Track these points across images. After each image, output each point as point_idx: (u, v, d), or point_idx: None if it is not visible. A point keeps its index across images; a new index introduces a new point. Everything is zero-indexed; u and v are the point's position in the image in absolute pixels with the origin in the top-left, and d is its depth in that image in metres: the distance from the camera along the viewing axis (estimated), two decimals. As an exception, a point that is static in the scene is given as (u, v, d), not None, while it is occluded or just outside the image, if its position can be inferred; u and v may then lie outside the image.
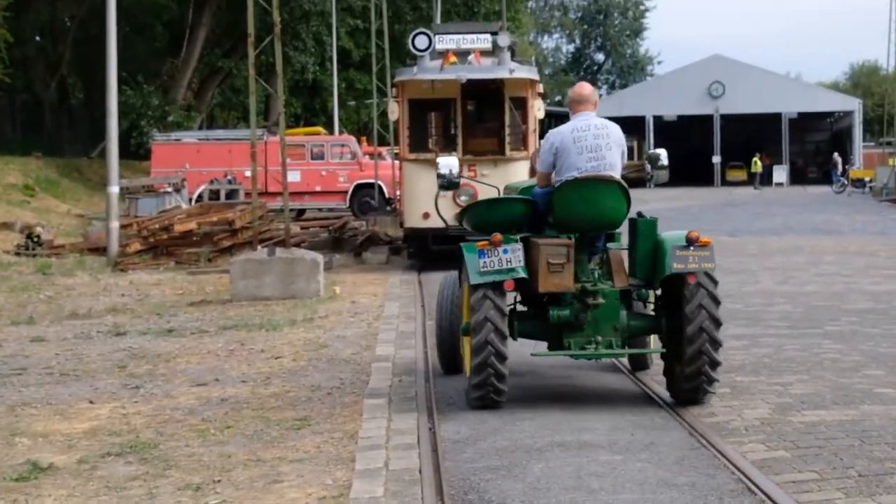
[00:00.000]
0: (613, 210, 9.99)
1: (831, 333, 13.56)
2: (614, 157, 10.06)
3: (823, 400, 9.88)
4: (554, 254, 9.75)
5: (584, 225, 10.07)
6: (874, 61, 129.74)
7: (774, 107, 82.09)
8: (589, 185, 9.93)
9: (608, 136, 10.07)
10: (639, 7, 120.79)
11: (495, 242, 9.66)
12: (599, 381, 11.02)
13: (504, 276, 9.66)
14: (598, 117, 10.23)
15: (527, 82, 23.40)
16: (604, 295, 9.86)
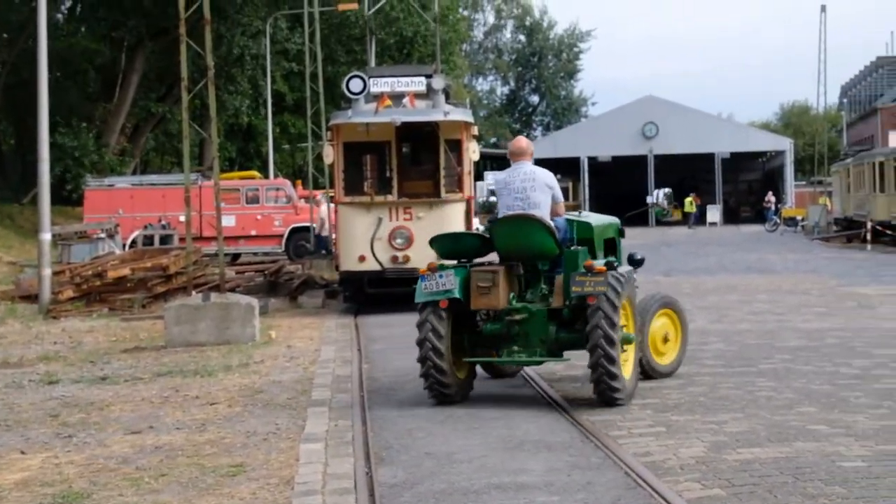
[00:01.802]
0: (538, 242, 11.96)
1: (765, 371, 13.69)
2: (539, 198, 12.06)
3: (758, 437, 9.96)
4: (482, 278, 11.88)
5: (517, 255, 12.14)
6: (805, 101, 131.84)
7: (707, 147, 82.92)
8: (514, 222, 12.03)
9: (534, 180, 12.17)
10: (573, 49, 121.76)
11: (431, 269, 11.92)
12: (536, 421, 11.04)
13: (440, 296, 11.86)
14: (530, 165, 12.34)
15: (461, 125, 23.51)
16: (531, 313, 11.85)
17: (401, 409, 11.98)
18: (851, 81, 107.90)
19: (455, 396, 12.02)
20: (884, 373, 13.41)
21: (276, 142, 56.30)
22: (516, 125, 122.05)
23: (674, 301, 13.80)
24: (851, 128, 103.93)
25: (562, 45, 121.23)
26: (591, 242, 12.73)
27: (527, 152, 12.56)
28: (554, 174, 12.31)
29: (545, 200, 12.12)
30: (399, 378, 14.14)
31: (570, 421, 11.02)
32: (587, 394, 12.01)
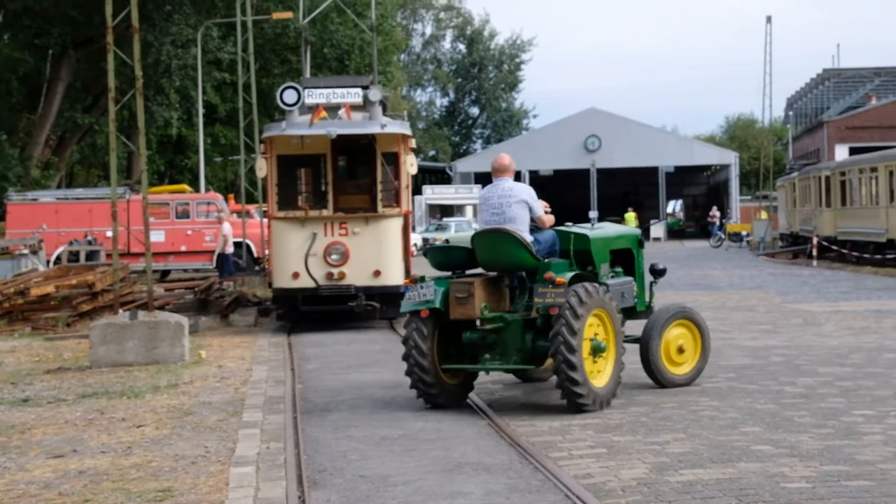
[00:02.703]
0: (513, 255, 12.85)
1: (709, 390, 13.78)
2: (515, 213, 13.01)
3: (701, 458, 10.03)
4: (459, 289, 12.79)
5: (495, 266, 13.20)
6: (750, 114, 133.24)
7: (651, 160, 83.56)
8: (490, 236, 13.02)
9: (510, 196, 13.13)
10: (514, 60, 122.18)
11: (413, 281, 13.05)
12: (475, 442, 11.06)
13: (421, 306, 12.86)
14: (510, 181, 13.37)
15: (399, 137, 23.51)
16: (507, 322, 12.76)
17: (335, 430, 11.96)
18: (797, 94, 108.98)
19: (439, 398, 12.98)
20: (829, 391, 13.55)
21: (207, 154, 56.03)
22: (456, 138, 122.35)
23: (692, 313, 14.47)
24: (797, 141, 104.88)
25: (503, 56, 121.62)
26: (588, 254, 13.48)
27: (508, 169, 13.56)
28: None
29: (522, 215, 13.06)
30: (333, 398, 14.11)
31: (509, 442, 11.03)
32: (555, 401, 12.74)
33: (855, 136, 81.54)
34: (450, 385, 13.15)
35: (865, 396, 13.17)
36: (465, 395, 13.38)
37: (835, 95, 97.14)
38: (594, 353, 12.55)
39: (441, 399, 13.02)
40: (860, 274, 39.75)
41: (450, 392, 13.13)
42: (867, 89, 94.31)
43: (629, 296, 13.99)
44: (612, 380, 12.77)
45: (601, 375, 12.66)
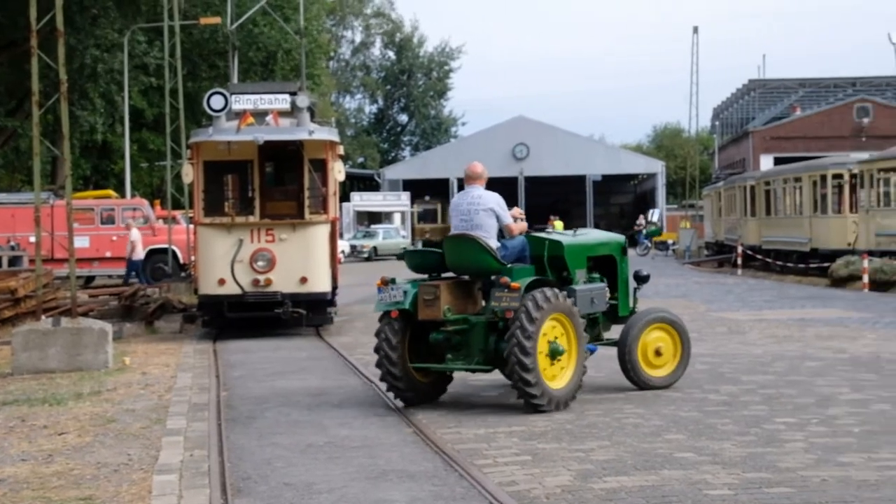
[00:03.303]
0: (477, 260, 13.41)
1: (633, 398, 13.87)
2: (482, 220, 13.57)
3: (624, 466, 10.09)
4: (426, 292, 13.35)
5: (462, 270, 13.73)
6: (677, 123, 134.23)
7: (579, 169, 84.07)
8: (457, 241, 13.58)
9: (479, 203, 13.69)
10: (443, 68, 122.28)
11: (384, 283, 13.60)
12: (399, 449, 11.06)
13: (391, 307, 13.49)
14: (480, 189, 13.89)
15: (326, 144, 23.46)
16: (471, 324, 13.23)
17: (260, 438, 11.91)
18: (723, 104, 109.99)
19: (407, 393, 13.57)
20: (752, 399, 13.68)
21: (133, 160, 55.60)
22: (384, 145, 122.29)
23: (671, 317, 14.89)
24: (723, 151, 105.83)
25: (432, 64, 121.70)
26: (562, 260, 14.00)
27: (480, 177, 14.11)
28: (421, 195, 13.71)
29: (488, 222, 13.61)
30: (259, 406, 14.05)
31: (434, 449, 11.04)
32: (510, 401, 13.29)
33: (780, 146, 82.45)
34: (420, 383, 13.73)
35: (787, 404, 13.32)
36: (436, 394, 13.97)
37: (760, 106, 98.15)
38: (552, 357, 13.05)
39: (409, 394, 13.60)
40: (784, 283, 40.22)
41: (419, 389, 13.71)
42: (792, 100, 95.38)
43: (600, 301, 14.30)
44: (571, 382, 13.24)
45: (560, 378, 13.16)
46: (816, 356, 17.92)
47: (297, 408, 13.84)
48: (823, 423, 12.02)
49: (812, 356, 17.92)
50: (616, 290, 14.95)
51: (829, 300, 30.71)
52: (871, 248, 37.20)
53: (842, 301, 30.11)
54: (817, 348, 19.05)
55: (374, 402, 14.22)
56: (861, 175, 40.11)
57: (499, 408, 13.40)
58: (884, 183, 38.51)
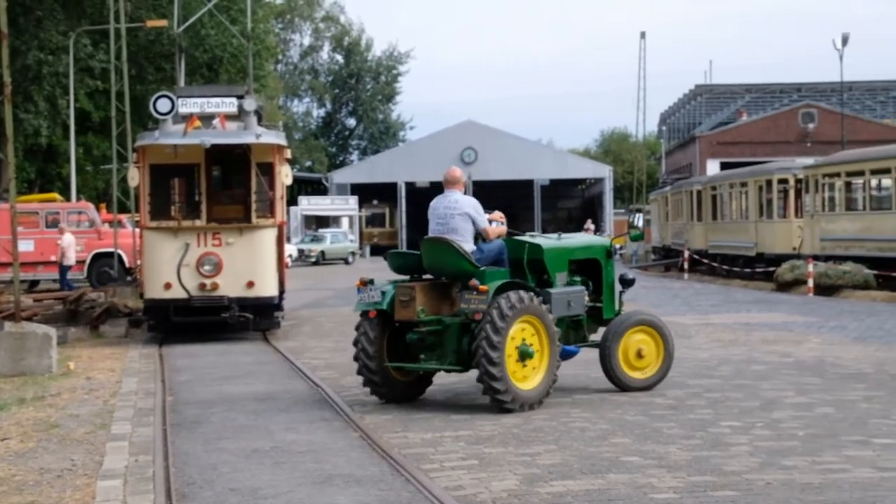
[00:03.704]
0: (451, 262, 13.67)
1: (580, 402, 13.91)
2: (457, 224, 13.86)
3: (571, 470, 10.12)
4: (402, 293, 13.70)
5: (438, 272, 14.00)
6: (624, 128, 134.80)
7: (527, 173, 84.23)
8: (432, 244, 13.84)
9: (455, 207, 13.96)
10: (391, 72, 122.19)
11: (363, 283, 14.03)
12: (346, 454, 11.03)
13: (369, 307, 13.88)
14: (458, 194, 14.14)
15: (274, 148, 23.40)
16: (445, 325, 13.53)
17: (206, 443, 11.85)
18: (670, 109, 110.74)
19: (383, 389, 14.02)
20: (697, 403, 13.76)
21: (79, 163, 55.20)
22: (332, 148, 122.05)
23: (654, 320, 15.16)
24: (670, 156, 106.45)
25: (380, 68, 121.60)
26: (542, 263, 14.36)
27: (458, 182, 14.36)
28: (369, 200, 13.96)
29: (464, 226, 13.91)
30: (205, 410, 13.99)
31: (381, 454, 11.02)
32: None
33: (726, 151, 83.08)
34: (398, 381, 14.12)
35: (733, 408, 13.40)
36: (415, 393, 14.36)
37: (707, 111, 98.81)
38: (522, 358, 13.35)
39: (385, 391, 14.03)
40: (730, 287, 40.48)
41: (397, 388, 14.10)
42: (738, 105, 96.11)
43: (577, 304, 14.56)
44: (542, 383, 13.52)
45: (530, 379, 13.46)
46: (762, 360, 18.05)
47: (244, 412, 13.79)
48: (768, 427, 12.10)
49: (757, 360, 18.05)
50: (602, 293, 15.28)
51: (774, 304, 30.93)
52: (816, 253, 37.51)
53: (787, 305, 30.34)
54: (763, 352, 19.18)
55: (320, 406, 14.19)
56: (806, 180, 40.43)
57: (446, 412, 13.40)
58: (828, 188, 38.84)
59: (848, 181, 37.96)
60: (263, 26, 61.37)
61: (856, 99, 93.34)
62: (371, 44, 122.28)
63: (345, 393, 15.00)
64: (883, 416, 12.66)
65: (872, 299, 31.46)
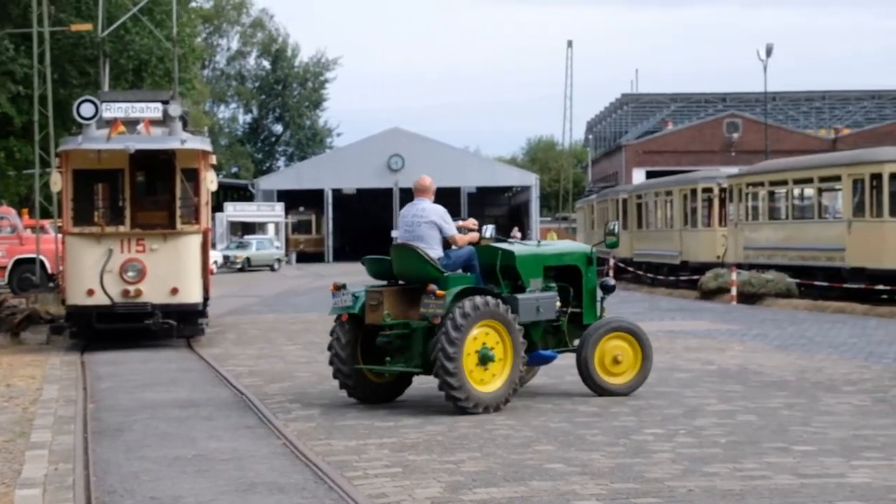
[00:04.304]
0: (417, 268, 14.07)
1: (504, 410, 13.91)
2: (424, 232, 14.37)
3: (494, 477, 10.13)
4: (372, 297, 14.14)
5: (406, 278, 14.35)
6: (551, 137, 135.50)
7: (453, 181, 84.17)
8: (399, 250, 14.30)
9: (422, 215, 14.50)
10: (318, 78, 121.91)
11: (336, 288, 14.37)
12: (269, 462, 10.98)
13: (341, 311, 14.30)
14: (426, 202, 14.70)
15: (199, 153, 23.27)
16: (413, 329, 13.92)
17: (127, 451, 11.74)
18: (597, 118, 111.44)
19: (356, 389, 14.42)
20: (621, 410, 13.83)
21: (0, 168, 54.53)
22: (259, 155, 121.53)
23: (631, 326, 15.37)
24: (596, 164, 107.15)
25: (307, 74, 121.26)
26: (514, 269, 14.64)
27: (428, 190, 14.92)
28: (296, 206, 14.13)
29: (430, 233, 14.40)
30: (127, 418, 13.86)
31: (304, 462, 10.97)
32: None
33: (652, 160, 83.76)
34: (373, 382, 14.56)
35: (656, 415, 13.49)
36: (391, 394, 14.73)
37: (633, 120, 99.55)
38: (482, 362, 13.66)
39: (358, 392, 14.47)
40: (654, 295, 40.77)
41: (371, 389, 14.56)
42: (664, 115, 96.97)
43: (547, 309, 14.72)
44: (503, 386, 13.82)
45: (492, 382, 13.77)
46: (685, 368, 18.19)
47: (166, 420, 13.68)
48: (691, 434, 12.20)
49: (681, 368, 18.18)
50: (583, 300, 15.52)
51: (698, 312, 31.19)
52: (740, 262, 37.85)
53: (710, 313, 30.60)
54: (686, 360, 19.34)
55: (244, 414, 14.11)
56: (730, 189, 40.79)
57: (370, 420, 13.37)
58: (752, 197, 39.24)
59: (771, 190, 38.40)
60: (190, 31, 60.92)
61: (779, 109, 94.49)
62: (298, 50, 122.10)
63: (269, 400, 14.92)
64: (803, 424, 12.81)
65: (794, 307, 31.80)
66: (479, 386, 13.62)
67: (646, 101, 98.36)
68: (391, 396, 14.73)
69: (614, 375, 15.06)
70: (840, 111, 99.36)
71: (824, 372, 17.65)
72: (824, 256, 34.28)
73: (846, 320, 27.55)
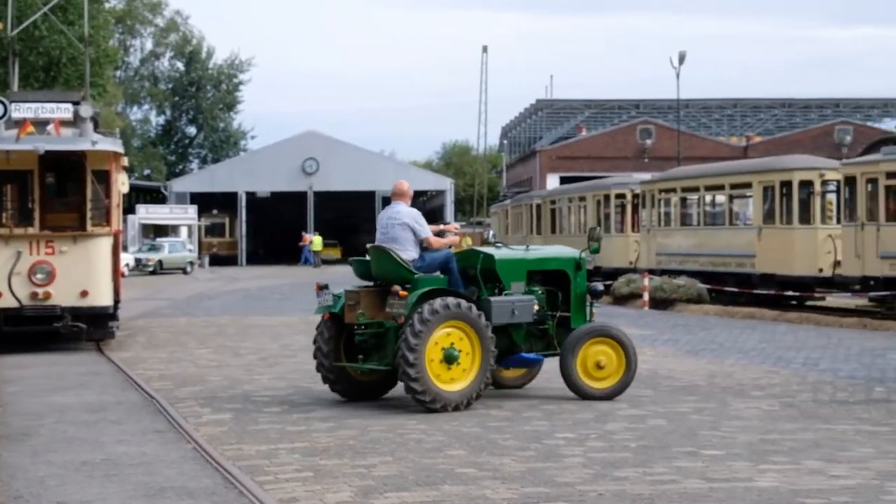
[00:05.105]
0: (390, 269, 14.55)
1: (416, 414, 13.93)
2: (397, 234, 14.78)
3: (406, 481, 10.13)
4: (350, 297, 14.63)
5: (382, 278, 14.80)
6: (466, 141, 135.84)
7: (368, 185, 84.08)
8: (374, 252, 14.79)
9: (396, 218, 14.92)
10: (232, 80, 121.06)
11: (320, 288, 14.96)
12: (179, 466, 10.87)
13: (323, 310, 14.83)
14: (402, 206, 15.09)
15: (110, 155, 23.05)
16: (387, 328, 14.36)
17: (34, 455, 11.59)
18: (512, 123, 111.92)
19: (337, 385, 14.98)
20: (533, 415, 13.90)
21: None
22: (172, 157, 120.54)
23: (614, 331, 15.63)
24: (511, 169, 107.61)
25: (221, 76, 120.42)
26: (493, 272, 15.05)
27: (404, 194, 15.32)
28: (209, 209, 14.16)
29: (404, 236, 14.80)
30: (34, 422, 13.68)
31: (214, 466, 10.90)
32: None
33: (566, 165, 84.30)
34: (356, 379, 15.07)
35: (568, 419, 13.57)
36: (379, 392, 15.18)
37: (547, 125, 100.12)
38: (448, 361, 14.09)
39: (341, 388, 15.01)
40: (568, 300, 40.88)
41: (354, 385, 15.08)
42: (578, 120, 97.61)
43: (523, 313, 14.93)
44: (470, 386, 14.22)
45: (457, 382, 14.19)
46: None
47: (74, 424, 13.53)
48: (602, 438, 12.28)
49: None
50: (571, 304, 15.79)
51: (610, 318, 31.16)
52: (652, 267, 38.20)
53: (623, 318, 30.73)
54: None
55: (154, 418, 13.99)
56: (643, 195, 41.16)
57: (282, 424, 13.31)
58: (664, 203, 39.63)
59: (683, 197, 38.81)
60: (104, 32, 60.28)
61: (692, 116, 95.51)
62: (213, 51, 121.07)
63: (179, 404, 14.81)
64: (712, 428, 12.95)
65: (705, 313, 32.13)
66: (444, 385, 14.07)
67: (560, 108, 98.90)
68: (377, 394, 15.18)
69: (597, 380, 15.24)
70: (751, 119, 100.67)
71: (734, 377, 17.87)
72: (735, 262, 34.73)
73: (756, 326, 27.90)
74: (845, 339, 23.98)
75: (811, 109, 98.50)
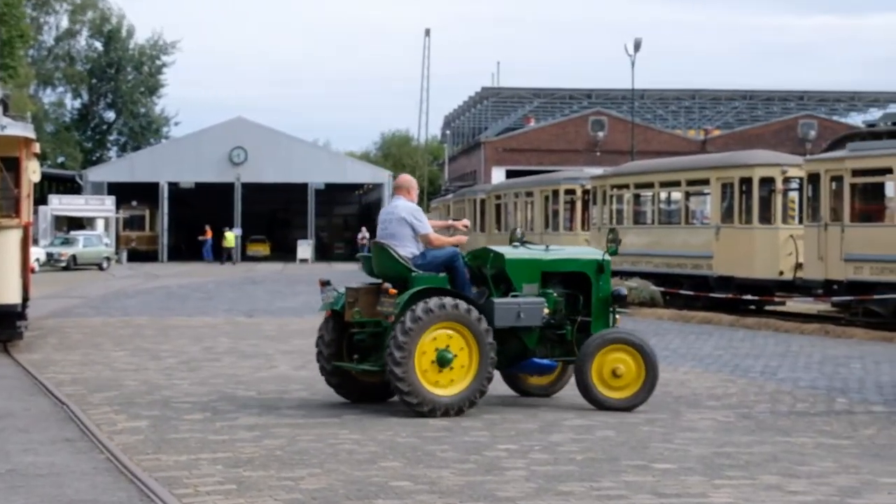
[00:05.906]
0: (388, 266, 14.82)
1: (349, 423, 13.93)
2: (395, 230, 14.97)
3: (336, 495, 10.11)
4: (349, 295, 14.92)
5: (381, 276, 15.01)
6: (406, 131, 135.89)
7: (301, 176, 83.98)
8: (375, 248, 15.08)
9: (394, 213, 15.10)
10: (155, 62, 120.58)
11: (322, 284, 15.38)
12: (91, 478, 10.81)
13: (326, 308, 15.20)
14: (402, 200, 15.25)
15: (21, 141, 22.88)
16: (385, 327, 14.45)
17: (-68, 465, 11.47)
18: (455, 112, 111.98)
19: (338, 386, 15.35)
20: (473, 424, 13.91)
21: None
22: (88, 144, 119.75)
23: (633, 339, 15.53)
24: (454, 161, 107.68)
25: (143, 58, 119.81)
26: (504, 273, 15.20)
27: (405, 188, 15.53)
28: (128, 200, 14.01)
29: (402, 232, 14.96)
30: (-67, 430, 13.55)
31: (129, 478, 10.83)
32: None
33: (512, 158, 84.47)
34: (359, 381, 15.35)
35: (510, 430, 13.60)
36: (379, 395, 15.32)
37: (493, 115, 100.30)
38: (441, 364, 14.30)
39: (343, 390, 15.41)
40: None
41: (357, 387, 15.40)
42: (526, 111, 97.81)
43: (531, 316, 14.94)
44: (466, 391, 14.43)
45: (451, 386, 14.42)
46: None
47: (-23, 432, 13.41)
48: (546, 451, 12.31)
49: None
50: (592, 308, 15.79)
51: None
52: (603, 268, 38.26)
53: (571, 322, 30.88)
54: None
55: (64, 425, 13.89)
56: (594, 191, 41.28)
57: (203, 433, 13.25)
58: (617, 200, 39.77)
59: (637, 193, 38.98)
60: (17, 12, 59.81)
61: (647, 108, 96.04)
62: (133, 31, 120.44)
63: (93, 411, 14.71)
64: (664, 440, 13.03)
65: (659, 317, 32.29)
66: (435, 388, 14.32)
67: (507, 96, 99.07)
68: (382, 397, 15.31)
69: (614, 389, 15.27)
70: (710, 111, 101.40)
71: (687, 386, 17.98)
72: (691, 264, 34.93)
73: (712, 331, 28.09)
74: (806, 347, 24.20)
75: (773, 102, 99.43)
